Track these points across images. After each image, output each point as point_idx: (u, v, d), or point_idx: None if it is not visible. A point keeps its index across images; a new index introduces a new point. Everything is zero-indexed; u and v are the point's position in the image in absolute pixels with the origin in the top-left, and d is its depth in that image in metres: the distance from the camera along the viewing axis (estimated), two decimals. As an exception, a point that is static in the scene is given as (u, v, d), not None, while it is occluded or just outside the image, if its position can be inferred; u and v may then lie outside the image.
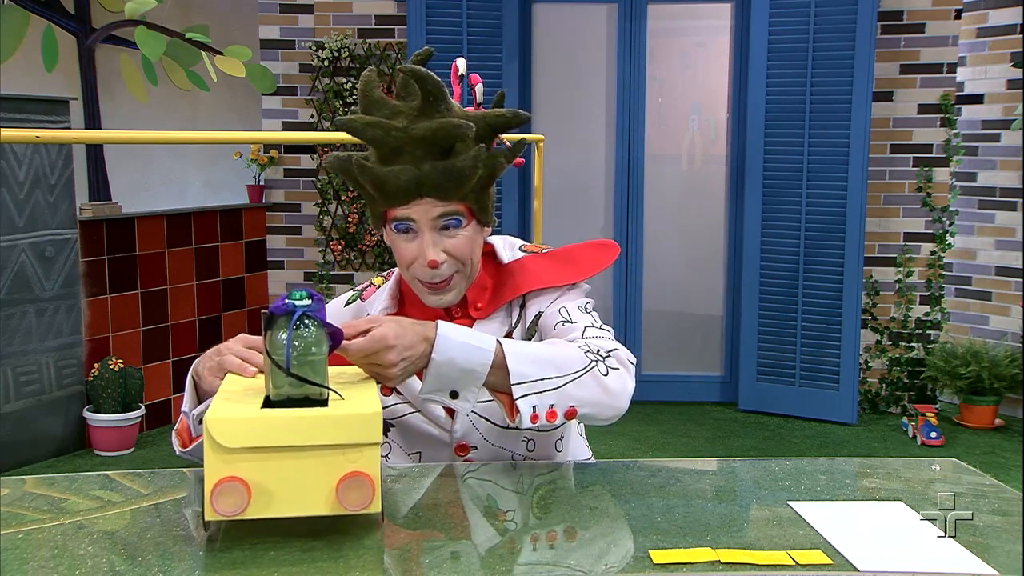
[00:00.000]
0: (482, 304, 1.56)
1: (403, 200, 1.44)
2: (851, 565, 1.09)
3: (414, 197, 1.43)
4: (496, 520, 1.25)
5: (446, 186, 1.43)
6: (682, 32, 5.45)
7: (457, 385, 1.33)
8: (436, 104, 1.42)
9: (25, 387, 4.19)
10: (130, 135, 3.17)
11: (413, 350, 1.30)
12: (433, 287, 1.49)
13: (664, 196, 5.33)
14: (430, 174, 1.41)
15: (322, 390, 1.17)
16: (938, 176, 5.09)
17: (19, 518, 1.23)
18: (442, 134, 1.40)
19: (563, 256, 1.60)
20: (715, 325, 5.35)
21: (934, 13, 4.98)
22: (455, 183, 1.43)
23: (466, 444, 1.54)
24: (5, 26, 4.69)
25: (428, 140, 1.41)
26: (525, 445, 1.56)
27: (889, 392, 5.16)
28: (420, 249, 1.46)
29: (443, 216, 1.45)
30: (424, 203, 1.44)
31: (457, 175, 1.42)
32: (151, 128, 5.34)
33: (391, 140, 1.42)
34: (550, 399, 1.34)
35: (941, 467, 1.51)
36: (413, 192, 1.43)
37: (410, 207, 1.44)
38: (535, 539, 1.18)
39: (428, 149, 1.41)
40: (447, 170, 1.42)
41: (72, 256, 4.36)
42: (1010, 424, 4.95)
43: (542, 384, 1.34)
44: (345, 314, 1.61)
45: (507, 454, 1.55)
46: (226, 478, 1.09)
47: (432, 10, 4.85)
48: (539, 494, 1.37)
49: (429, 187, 1.42)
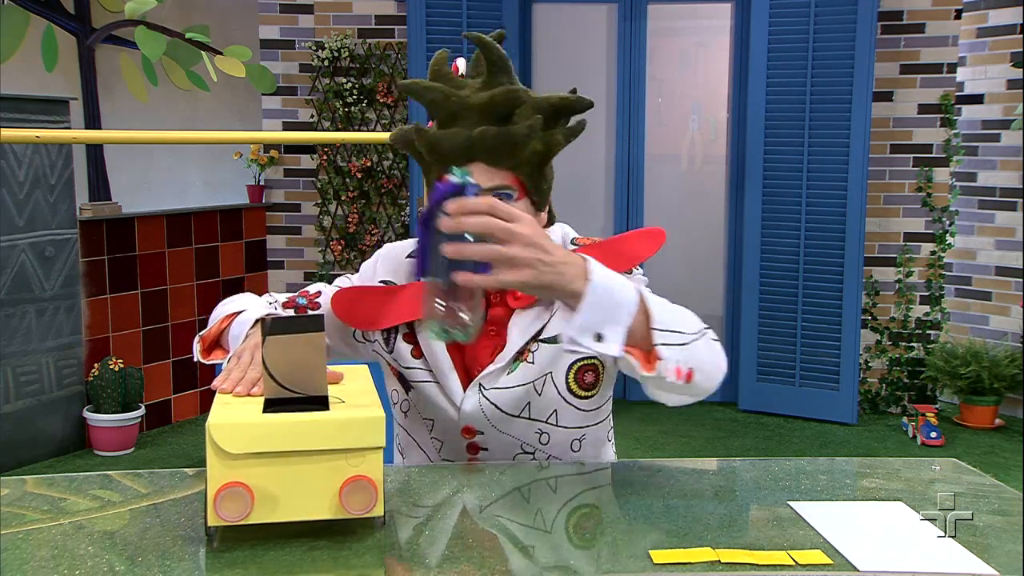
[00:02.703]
0: (520, 294, 1.51)
1: (455, 163, 1.41)
2: (851, 565, 1.09)
3: (465, 160, 1.42)
4: (496, 521, 1.25)
5: (499, 150, 1.42)
6: (682, 32, 5.45)
7: (607, 322, 1.22)
8: (499, 75, 1.43)
9: (25, 387, 4.19)
10: (130, 135, 3.17)
11: (554, 256, 1.20)
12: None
13: (664, 196, 5.33)
14: (483, 136, 1.41)
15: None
16: (938, 176, 5.09)
17: (19, 518, 1.23)
18: (499, 99, 1.41)
19: (609, 247, 1.56)
20: (715, 325, 5.29)
21: (934, 13, 4.98)
22: (508, 148, 1.42)
23: (472, 427, 1.52)
24: (5, 26, 4.69)
25: (485, 106, 1.42)
26: (538, 437, 1.53)
27: (889, 392, 5.16)
28: None
29: (494, 189, 1.42)
30: (476, 168, 1.42)
31: (511, 140, 1.42)
32: (151, 128, 5.34)
33: (449, 104, 1.43)
34: (680, 354, 1.26)
35: (941, 467, 1.51)
36: (465, 153, 1.42)
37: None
38: (535, 539, 1.18)
39: (485, 115, 1.42)
40: (500, 134, 1.41)
41: (72, 256, 4.36)
42: (1010, 424, 4.95)
43: (676, 337, 1.26)
44: (404, 265, 1.58)
45: (516, 444, 1.53)
46: (229, 483, 1.09)
47: (432, 10, 4.85)
48: (539, 494, 1.37)
49: (481, 149, 1.42)
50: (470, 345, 1.50)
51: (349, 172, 5.19)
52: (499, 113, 1.42)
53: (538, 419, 1.52)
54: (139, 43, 4.77)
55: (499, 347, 1.51)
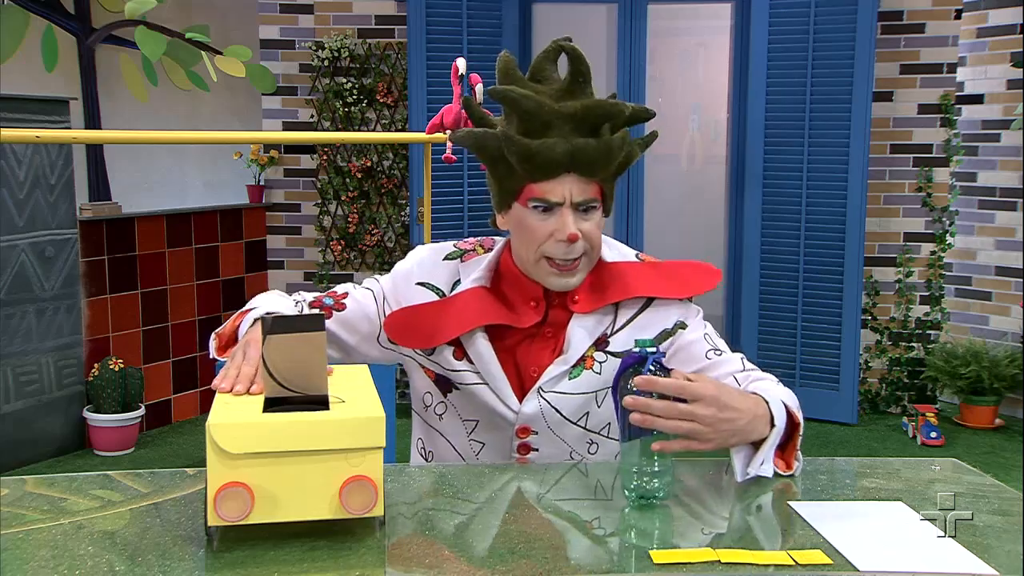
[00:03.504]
0: (581, 298, 1.53)
1: (550, 174, 1.44)
2: (851, 565, 1.09)
3: (561, 171, 1.44)
4: (496, 520, 1.25)
5: (597, 162, 1.45)
6: (682, 32, 5.45)
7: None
8: (584, 85, 1.45)
9: (25, 387, 4.19)
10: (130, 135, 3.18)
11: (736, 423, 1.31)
12: (564, 267, 1.48)
13: (664, 196, 5.33)
14: (584, 148, 1.43)
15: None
16: (938, 176, 5.09)
17: (19, 518, 1.23)
18: (598, 111, 1.44)
19: (666, 270, 1.60)
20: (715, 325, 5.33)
21: (934, 13, 4.98)
22: (604, 160, 1.45)
23: (528, 427, 1.53)
24: (5, 26, 4.69)
25: (579, 116, 1.43)
26: (588, 447, 1.55)
27: (889, 392, 5.16)
28: (559, 224, 1.45)
29: (584, 202, 1.46)
30: (568, 180, 1.44)
31: (607, 152, 1.45)
32: (151, 128, 5.34)
33: (544, 113, 1.43)
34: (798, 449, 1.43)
35: (941, 467, 1.51)
36: (564, 165, 1.43)
37: (555, 183, 1.44)
38: (536, 539, 1.18)
39: (578, 125, 1.43)
40: (599, 148, 1.44)
41: (72, 256, 4.36)
42: (1010, 424, 4.95)
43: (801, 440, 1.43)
44: (440, 268, 1.58)
45: (567, 450, 1.54)
46: (229, 483, 1.09)
47: (432, 10, 4.84)
48: (539, 494, 1.37)
49: (580, 161, 1.43)
50: (524, 347, 1.53)
51: (349, 172, 5.19)
52: (592, 124, 1.44)
53: (592, 430, 1.55)
54: (139, 43, 4.77)
55: (557, 349, 1.52)
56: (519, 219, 1.49)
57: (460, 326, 1.51)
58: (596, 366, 1.52)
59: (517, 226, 1.50)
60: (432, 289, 1.57)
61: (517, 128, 1.45)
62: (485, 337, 1.52)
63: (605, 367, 1.51)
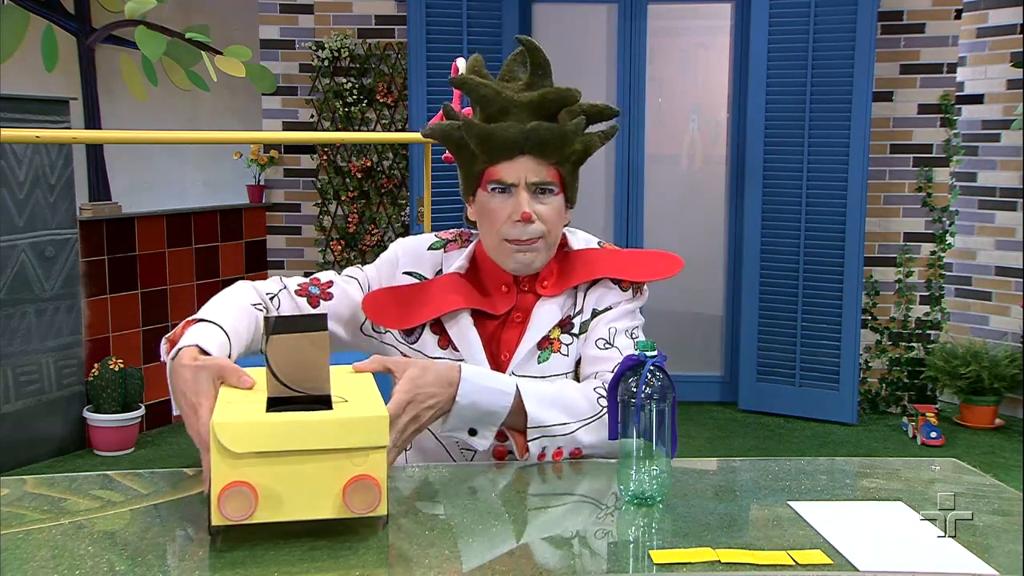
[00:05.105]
0: (549, 283, 1.60)
1: (506, 155, 1.52)
2: (851, 565, 1.09)
3: (517, 153, 1.52)
4: (497, 521, 1.25)
5: (550, 145, 1.52)
6: (682, 32, 5.45)
7: (477, 424, 1.42)
8: (543, 77, 1.56)
9: (25, 387, 4.19)
10: (130, 135, 3.17)
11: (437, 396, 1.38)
12: (521, 244, 1.54)
13: (664, 196, 5.33)
14: (536, 130, 1.51)
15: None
16: (938, 176, 5.09)
17: (19, 518, 1.23)
18: (551, 96, 1.53)
19: (629, 257, 1.66)
20: (715, 325, 5.35)
21: (934, 13, 4.98)
22: (557, 144, 1.52)
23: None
24: (5, 26, 4.69)
25: (535, 103, 1.53)
26: None
27: (889, 392, 5.16)
28: (515, 205, 1.53)
29: (539, 184, 1.53)
30: (524, 162, 1.52)
31: (560, 136, 1.52)
32: (151, 128, 5.34)
33: (500, 100, 1.52)
34: (560, 442, 1.45)
35: (941, 467, 1.51)
36: (518, 147, 1.52)
37: (511, 164, 1.52)
38: (536, 539, 1.18)
39: (534, 113, 1.52)
40: (552, 129, 1.51)
41: (72, 256, 4.36)
42: (1010, 424, 4.95)
43: (555, 429, 1.44)
44: (426, 257, 1.65)
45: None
46: (233, 483, 1.09)
47: (432, 10, 4.85)
48: (540, 494, 1.37)
49: (533, 143, 1.51)
50: (497, 334, 1.59)
51: (349, 172, 5.19)
52: (548, 111, 1.53)
53: None
54: (139, 43, 4.77)
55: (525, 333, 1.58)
56: (482, 205, 1.58)
57: (437, 308, 1.57)
58: (563, 348, 1.58)
59: (480, 213, 1.58)
60: (419, 279, 1.63)
61: (479, 117, 1.55)
62: (471, 323, 1.58)
63: (571, 349, 1.58)
